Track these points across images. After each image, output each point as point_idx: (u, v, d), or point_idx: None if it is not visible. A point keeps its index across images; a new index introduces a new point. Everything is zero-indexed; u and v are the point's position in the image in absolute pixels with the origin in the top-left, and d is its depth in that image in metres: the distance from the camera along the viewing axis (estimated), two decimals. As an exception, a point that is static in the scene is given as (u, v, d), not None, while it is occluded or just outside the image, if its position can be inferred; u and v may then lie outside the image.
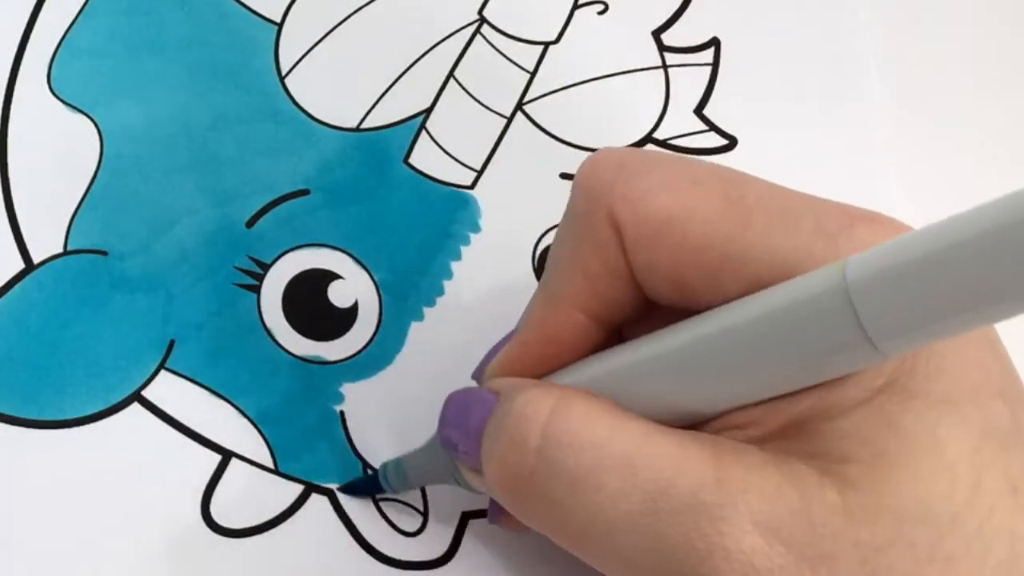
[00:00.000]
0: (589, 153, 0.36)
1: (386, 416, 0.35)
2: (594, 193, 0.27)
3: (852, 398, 0.25)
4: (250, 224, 0.36)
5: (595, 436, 0.26)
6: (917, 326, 0.21)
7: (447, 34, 0.38)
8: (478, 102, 0.37)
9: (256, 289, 0.35)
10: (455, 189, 0.37)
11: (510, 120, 0.37)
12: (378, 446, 0.35)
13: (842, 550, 0.24)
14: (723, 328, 0.25)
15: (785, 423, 0.25)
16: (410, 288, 0.36)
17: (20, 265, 0.35)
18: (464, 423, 0.29)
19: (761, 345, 0.24)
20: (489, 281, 0.36)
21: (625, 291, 0.27)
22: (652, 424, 0.26)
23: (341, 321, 0.35)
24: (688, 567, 0.24)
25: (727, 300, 0.25)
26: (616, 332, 0.29)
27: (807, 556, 0.24)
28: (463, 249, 0.36)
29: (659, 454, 0.25)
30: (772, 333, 0.24)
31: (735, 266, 0.25)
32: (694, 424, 0.26)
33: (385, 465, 0.34)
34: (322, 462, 0.34)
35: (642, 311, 0.28)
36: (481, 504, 0.34)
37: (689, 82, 0.38)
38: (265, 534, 0.34)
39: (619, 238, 0.27)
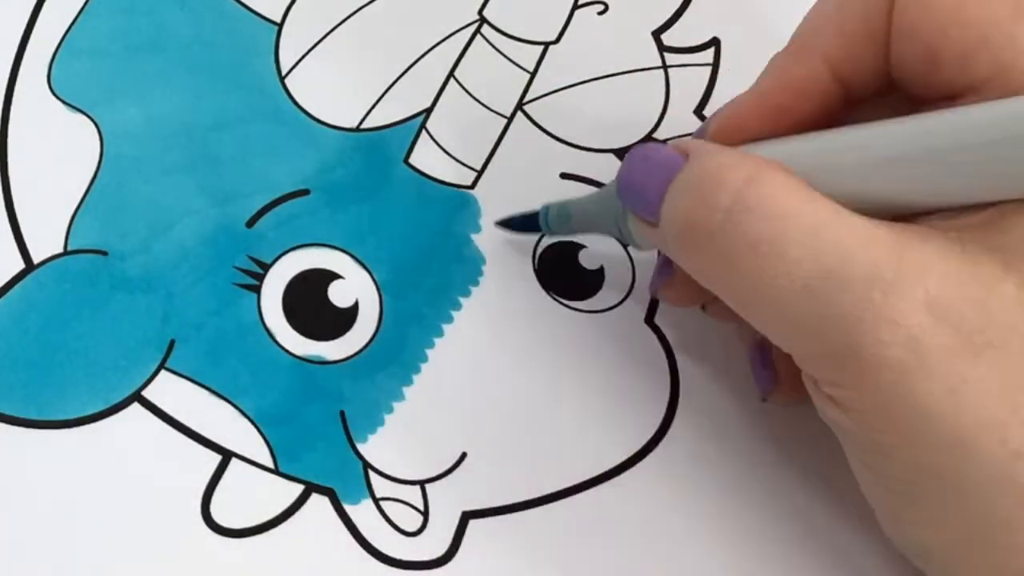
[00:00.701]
0: (588, 153, 0.37)
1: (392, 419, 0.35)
2: None
3: None
4: (250, 224, 0.36)
5: (786, 206, 0.26)
6: None
7: (447, 34, 0.38)
8: (478, 102, 0.37)
9: (256, 289, 0.35)
10: (455, 189, 0.37)
11: (510, 120, 0.37)
12: (380, 446, 0.35)
13: (1011, 341, 0.25)
14: (945, 123, 0.26)
15: (977, 220, 0.26)
16: (410, 288, 0.36)
17: (20, 265, 0.35)
18: (647, 178, 0.29)
19: (980, 148, 0.25)
20: (488, 282, 0.36)
21: (875, 58, 0.28)
22: (842, 207, 0.26)
23: (341, 321, 0.35)
24: (853, 335, 0.25)
25: (971, 85, 0.26)
26: (849, 107, 0.29)
27: (975, 341, 0.25)
28: (462, 252, 0.36)
29: (846, 229, 0.26)
30: (993, 137, 0.25)
31: (992, 50, 0.26)
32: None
33: (548, 206, 0.34)
34: (322, 462, 0.34)
35: (879, 89, 0.29)
36: (482, 504, 0.34)
37: (689, 82, 0.38)
38: (265, 534, 0.34)
39: (889, 1, 0.27)
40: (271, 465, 0.34)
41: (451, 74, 0.37)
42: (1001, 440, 0.25)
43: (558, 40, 0.38)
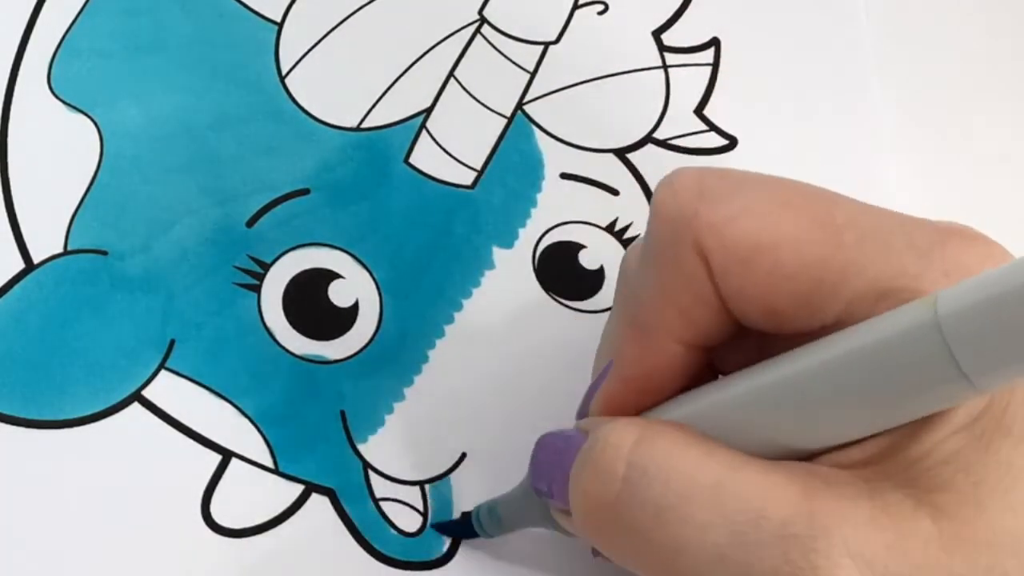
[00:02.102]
0: (588, 153, 0.37)
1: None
2: (676, 222, 0.26)
3: (946, 427, 0.24)
4: (250, 224, 0.36)
5: (682, 465, 0.25)
6: (1013, 360, 0.21)
7: (447, 34, 0.38)
8: (478, 102, 0.37)
9: (256, 288, 0.35)
10: (455, 189, 0.37)
11: (510, 120, 0.37)
12: (380, 446, 0.35)
13: None
14: (814, 367, 0.24)
15: (876, 451, 0.25)
16: (411, 288, 0.36)
17: (20, 265, 0.35)
18: (554, 465, 0.28)
19: (853, 383, 0.24)
20: (488, 282, 0.36)
21: (718, 318, 0.27)
22: (739, 454, 0.25)
23: (341, 320, 0.35)
24: None
25: (822, 324, 0.25)
26: (710, 354, 0.28)
27: None
28: (462, 251, 0.36)
29: (748, 483, 0.25)
30: (865, 371, 0.23)
31: (829, 290, 0.25)
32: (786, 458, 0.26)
33: (479, 508, 0.33)
34: (322, 462, 0.34)
35: (736, 334, 0.27)
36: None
37: (689, 82, 0.38)
38: (265, 534, 0.34)
39: (707, 267, 0.26)
40: (271, 465, 0.34)
41: (451, 74, 0.37)
42: None
43: (558, 40, 0.38)
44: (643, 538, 0.25)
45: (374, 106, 0.37)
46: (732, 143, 0.38)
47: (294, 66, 0.37)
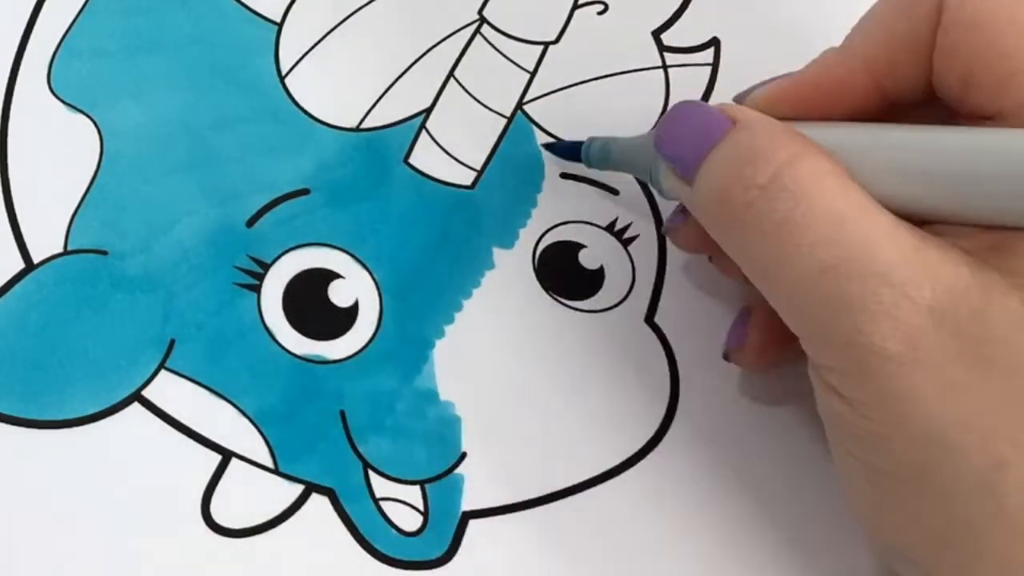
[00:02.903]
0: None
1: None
2: None
3: None
4: (250, 223, 0.36)
5: (819, 191, 0.27)
6: None
7: (447, 34, 0.38)
8: (478, 102, 0.37)
9: (256, 288, 0.35)
10: (455, 189, 0.37)
11: (510, 120, 0.37)
12: (380, 446, 0.35)
13: (1006, 354, 0.26)
14: (982, 147, 0.27)
15: (992, 238, 0.27)
16: (410, 288, 0.36)
17: (20, 265, 0.35)
18: (693, 138, 0.30)
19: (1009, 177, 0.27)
20: (488, 282, 0.36)
21: (916, 69, 0.29)
22: (873, 201, 0.27)
23: (342, 320, 0.35)
24: (856, 323, 0.26)
25: (1000, 112, 0.28)
26: (884, 111, 0.30)
27: (971, 350, 0.26)
28: (461, 251, 0.36)
29: (871, 225, 0.27)
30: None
31: (1022, 84, 0.27)
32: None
33: (592, 139, 0.35)
34: (322, 462, 0.34)
35: (917, 99, 0.30)
36: (482, 504, 0.34)
37: (689, 82, 0.38)
38: (265, 534, 0.34)
39: (936, 18, 0.28)
40: (271, 465, 0.34)
41: (451, 74, 0.37)
42: (983, 448, 0.26)
43: (558, 40, 0.38)
44: (759, 241, 0.28)
45: (374, 106, 0.37)
46: (732, 143, 0.38)
47: (294, 66, 0.37)
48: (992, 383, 0.26)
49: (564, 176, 0.37)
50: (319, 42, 0.38)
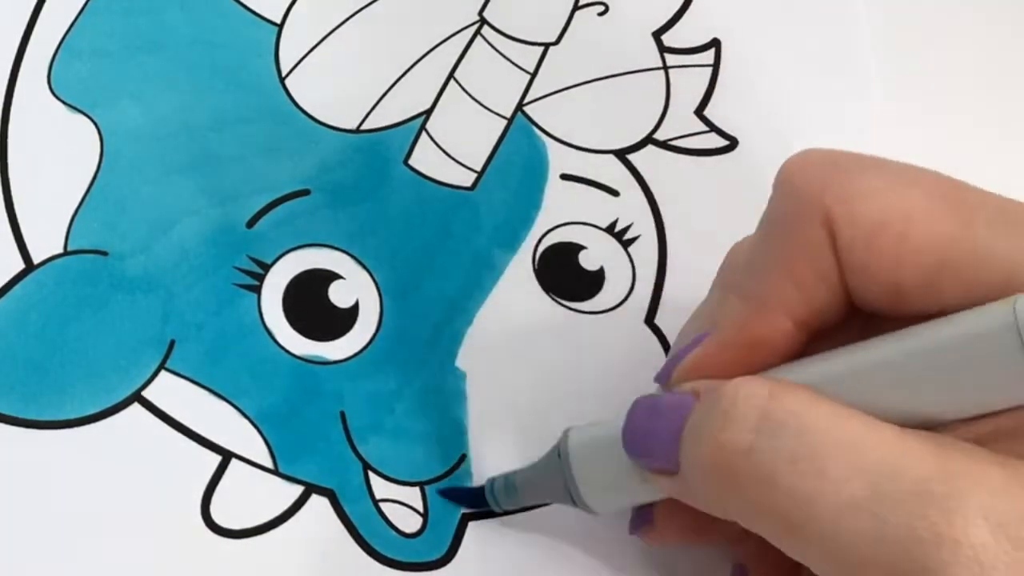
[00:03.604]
0: (589, 154, 0.37)
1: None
2: (805, 194, 0.26)
3: None
4: (250, 224, 0.36)
5: (817, 419, 0.25)
6: None
7: (447, 35, 0.38)
8: (478, 103, 0.37)
9: (256, 289, 0.35)
10: (455, 190, 0.37)
11: (510, 121, 0.37)
12: (379, 447, 0.35)
13: None
14: (946, 341, 0.25)
15: (996, 422, 0.25)
16: (410, 289, 0.36)
17: (20, 265, 0.35)
18: (657, 427, 0.28)
19: (962, 369, 0.24)
20: (488, 283, 0.36)
21: (833, 297, 0.27)
22: (869, 416, 0.25)
23: (342, 321, 0.35)
24: (912, 557, 0.24)
25: (941, 307, 0.25)
26: (809, 337, 0.28)
27: None
28: (461, 253, 0.36)
29: (883, 441, 0.25)
30: (964, 360, 0.24)
31: (955, 269, 0.25)
32: None
33: (494, 480, 0.34)
34: (323, 463, 0.34)
35: (844, 318, 0.28)
36: (480, 505, 0.34)
37: (690, 83, 0.38)
38: (265, 535, 0.34)
39: (832, 241, 0.26)
40: (271, 466, 0.34)
41: (451, 75, 0.37)
42: None
43: (558, 41, 0.38)
44: (775, 488, 0.25)
45: (374, 107, 0.37)
46: (733, 144, 0.38)
47: (294, 67, 0.37)
48: None
49: (564, 177, 0.37)
50: (319, 43, 0.37)
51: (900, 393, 0.26)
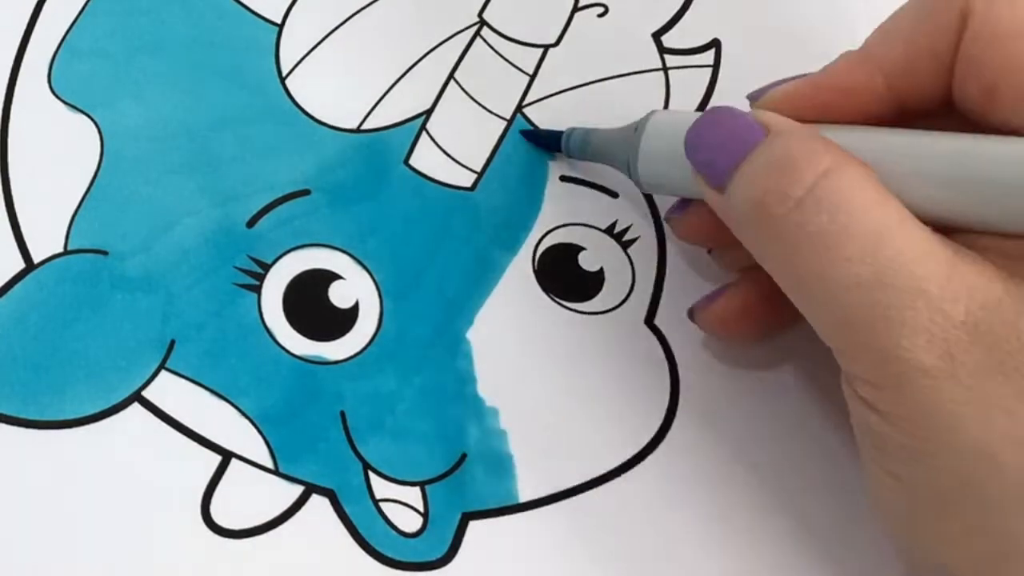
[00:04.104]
0: None
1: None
2: None
3: None
4: (251, 224, 0.36)
5: (856, 205, 0.27)
6: None
7: (447, 36, 0.38)
8: (478, 104, 0.37)
9: (257, 289, 0.35)
10: (455, 190, 0.37)
11: (510, 122, 0.37)
12: (380, 447, 0.35)
13: None
14: (1016, 157, 0.27)
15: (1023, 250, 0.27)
16: (410, 289, 0.36)
17: (20, 264, 0.35)
18: (725, 146, 0.29)
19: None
20: (488, 283, 0.36)
21: (936, 80, 0.29)
22: (908, 213, 0.27)
23: (342, 321, 0.35)
24: (892, 337, 0.26)
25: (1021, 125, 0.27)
26: (902, 116, 0.30)
27: (1005, 363, 0.26)
28: (461, 253, 0.36)
29: (907, 239, 0.27)
30: None
31: None
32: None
33: (572, 130, 0.35)
34: (323, 463, 0.34)
35: (935, 108, 0.29)
36: (482, 505, 0.34)
37: (690, 84, 0.38)
38: (265, 535, 0.34)
39: (961, 27, 0.28)
40: (271, 466, 0.34)
41: (451, 76, 0.37)
42: (1023, 459, 0.26)
43: (558, 43, 0.38)
44: (795, 252, 0.28)
45: (374, 107, 0.37)
46: (732, 145, 0.38)
47: (294, 67, 0.37)
48: None
49: (564, 179, 0.37)
50: (320, 43, 0.37)
51: (958, 189, 0.28)
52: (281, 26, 0.38)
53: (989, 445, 0.26)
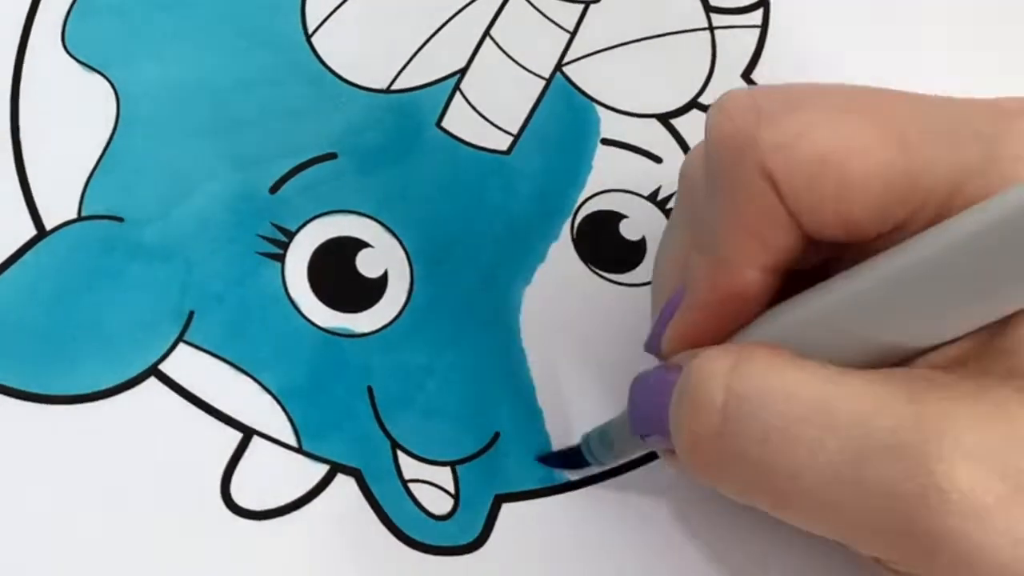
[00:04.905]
0: (630, 118, 0.37)
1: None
2: (736, 147, 0.26)
3: None
4: (274, 190, 0.35)
5: (781, 384, 0.25)
6: None
7: (482, -10, 0.38)
8: (515, 62, 0.37)
9: (280, 258, 0.35)
10: (490, 154, 0.36)
11: (549, 82, 0.37)
12: (409, 425, 0.34)
13: None
14: (906, 265, 0.24)
15: (971, 347, 0.25)
16: (442, 257, 0.35)
17: (32, 231, 0.35)
18: (652, 405, 0.29)
19: (951, 277, 0.24)
20: (524, 252, 0.36)
21: (791, 237, 0.27)
22: (836, 368, 0.25)
23: (370, 292, 0.35)
24: (902, 514, 0.24)
25: (895, 225, 0.25)
26: (786, 276, 0.28)
27: (1022, 483, 0.23)
28: (496, 220, 0.36)
29: (852, 394, 0.25)
30: (962, 264, 0.23)
31: (900, 193, 0.25)
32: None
33: (588, 436, 0.33)
34: (349, 441, 0.34)
35: (810, 250, 0.27)
36: (516, 486, 0.34)
37: (737, 45, 0.38)
38: (288, 516, 0.33)
39: (775, 188, 0.26)
40: (294, 444, 0.34)
41: (487, 33, 0.37)
42: None
43: (599, -1, 0.38)
44: (754, 467, 0.26)
45: (405, 66, 0.37)
46: (780, 109, 0.37)
47: (321, 24, 0.37)
48: None
49: (605, 142, 0.37)
50: None
51: (878, 320, 0.25)
52: (307, -19, 0.38)
53: None
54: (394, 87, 0.37)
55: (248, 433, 0.34)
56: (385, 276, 0.35)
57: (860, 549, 0.26)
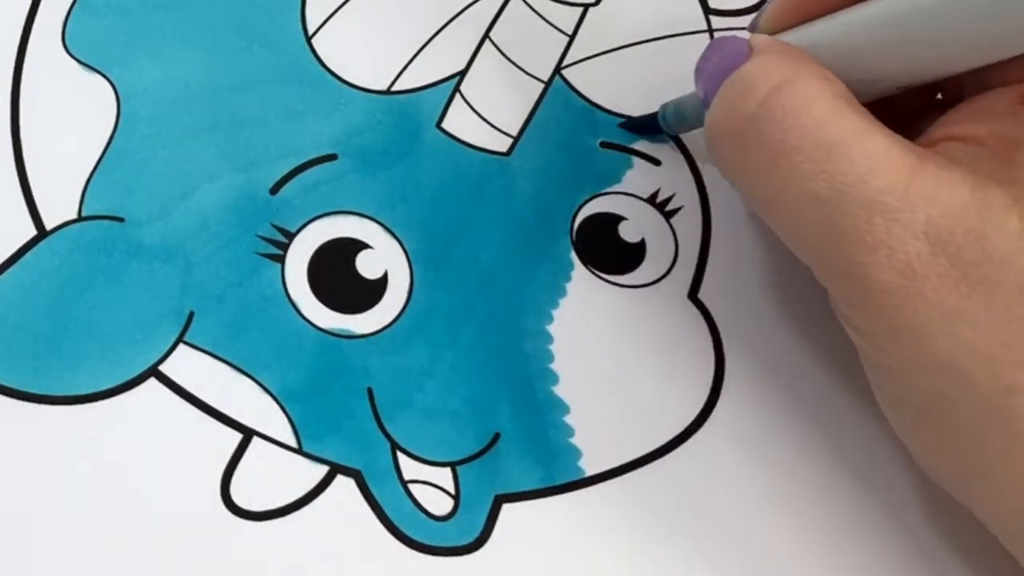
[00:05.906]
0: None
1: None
2: None
3: None
4: (274, 190, 0.35)
5: (808, 119, 0.27)
6: None
7: (482, -7, 0.38)
8: (515, 65, 0.37)
9: (280, 259, 0.35)
10: (490, 155, 0.36)
11: (548, 85, 0.37)
12: (409, 426, 0.34)
13: (1006, 275, 0.26)
14: None
15: (1002, 146, 0.27)
16: (442, 259, 0.35)
17: (32, 231, 0.35)
18: (712, 66, 0.30)
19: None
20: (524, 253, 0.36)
21: None
22: (871, 121, 0.27)
23: (370, 293, 0.35)
24: (852, 254, 0.27)
25: None
26: None
27: (969, 274, 0.26)
28: (496, 221, 0.36)
29: (863, 151, 0.27)
30: None
31: None
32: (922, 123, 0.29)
33: (665, 106, 0.35)
34: (348, 442, 0.34)
35: None
36: (516, 487, 0.34)
37: (736, 47, 0.38)
38: (287, 517, 0.33)
39: None
40: (294, 444, 0.34)
41: (486, 35, 0.37)
42: (992, 373, 0.26)
43: (598, 2, 0.37)
44: (752, 171, 0.29)
45: (405, 68, 0.37)
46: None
47: (321, 25, 0.37)
48: (992, 307, 0.26)
49: (604, 145, 0.36)
50: (348, 0, 0.37)
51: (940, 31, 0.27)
52: (307, -17, 0.38)
53: (956, 361, 0.26)
54: (394, 88, 0.36)
55: (248, 434, 0.33)
56: (385, 277, 0.35)
57: (819, 277, 0.29)
